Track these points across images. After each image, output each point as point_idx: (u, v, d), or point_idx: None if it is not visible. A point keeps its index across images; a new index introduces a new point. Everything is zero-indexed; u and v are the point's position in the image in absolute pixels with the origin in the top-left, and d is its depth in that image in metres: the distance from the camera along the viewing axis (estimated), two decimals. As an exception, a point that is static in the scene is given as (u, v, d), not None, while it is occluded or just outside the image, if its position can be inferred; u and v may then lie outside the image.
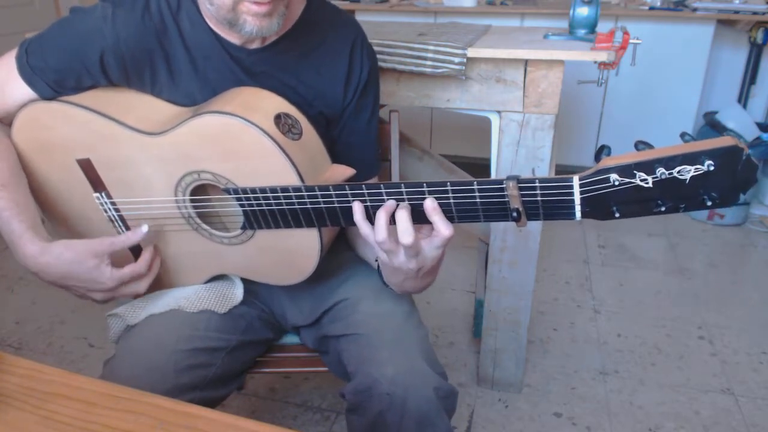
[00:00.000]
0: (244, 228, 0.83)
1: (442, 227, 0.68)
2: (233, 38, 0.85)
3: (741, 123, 2.46)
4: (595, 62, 1.21)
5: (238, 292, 0.94)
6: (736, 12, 2.44)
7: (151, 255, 0.86)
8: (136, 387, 0.59)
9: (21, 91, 0.84)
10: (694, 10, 2.49)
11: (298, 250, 0.84)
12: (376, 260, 0.85)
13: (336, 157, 0.89)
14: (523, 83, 1.26)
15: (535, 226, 1.40)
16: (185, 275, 0.94)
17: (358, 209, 0.71)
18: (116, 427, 0.53)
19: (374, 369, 0.83)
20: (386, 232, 0.69)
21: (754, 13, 2.42)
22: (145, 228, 0.83)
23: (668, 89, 2.67)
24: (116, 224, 0.89)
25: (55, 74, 0.82)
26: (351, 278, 0.98)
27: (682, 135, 0.60)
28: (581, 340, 1.82)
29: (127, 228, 0.89)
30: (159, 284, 0.95)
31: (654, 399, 1.58)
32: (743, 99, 2.76)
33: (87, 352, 1.77)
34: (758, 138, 2.46)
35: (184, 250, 0.90)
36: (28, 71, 0.83)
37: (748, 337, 1.83)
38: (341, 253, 1.03)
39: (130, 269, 0.82)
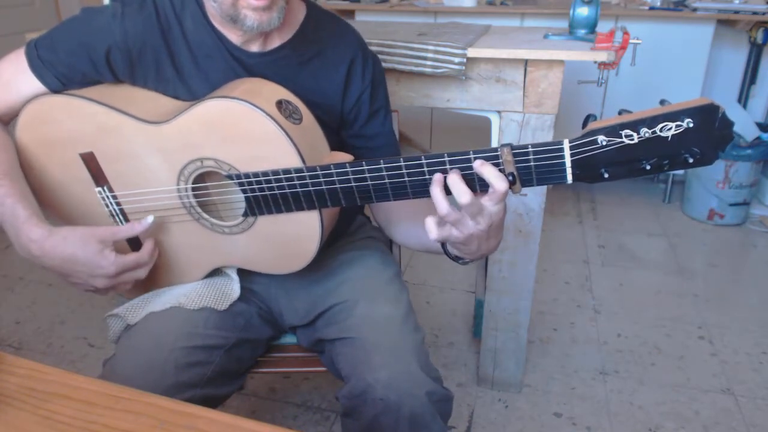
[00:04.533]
0: (245, 215, 0.83)
1: (497, 182, 0.67)
2: (235, 38, 0.86)
3: (741, 123, 2.46)
4: (595, 62, 1.21)
5: (235, 287, 0.94)
6: (736, 12, 2.44)
7: (153, 245, 0.87)
8: (136, 385, 0.59)
9: (28, 85, 0.86)
10: (694, 10, 2.49)
11: (298, 236, 0.84)
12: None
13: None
14: (523, 83, 1.26)
15: (535, 227, 1.40)
16: (186, 269, 0.94)
17: (438, 193, 0.69)
18: (116, 427, 0.53)
19: (368, 373, 0.83)
20: (447, 203, 0.69)
21: (754, 13, 2.42)
22: (150, 219, 0.85)
23: (668, 89, 2.67)
24: (117, 219, 0.90)
25: (64, 67, 0.85)
26: (349, 280, 0.98)
27: (662, 101, 0.64)
28: (581, 340, 1.82)
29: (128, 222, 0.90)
30: (160, 280, 0.96)
31: (654, 399, 1.58)
32: (743, 99, 2.76)
33: (87, 352, 1.77)
34: (758, 138, 2.46)
35: (185, 242, 0.90)
36: (38, 63, 0.85)
37: (748, 337, 1.83)
38: (340, 254, 1.03)
39: (133, 257, 0.83)
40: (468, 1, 2.71)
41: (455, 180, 0.68)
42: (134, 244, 0.90)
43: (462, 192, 0.68)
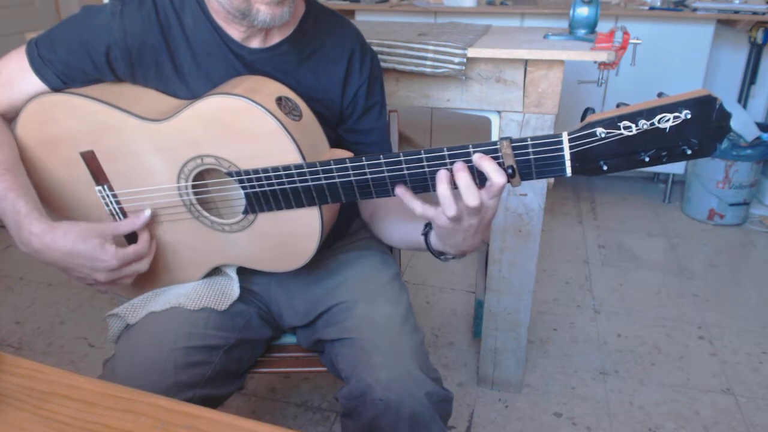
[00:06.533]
0: (245, 213, 0.83)
1: (495, 175, 0.67)
2: (236, 34, 0.86)
3: (741, 123, 2.46)
4: (595, 62, 1.21)
5: (235, 288, 0.95)
6: (736, 12, 2.44)
7: (150, 236, 0.88)
8: (136, 385, 0.59)
9: (30, 83, 0.86)
10: (694, 10, 2.49)
11: (298, 233, 0.84)
12: (424, 233, 0.83)
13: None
14: (523, 83, 1.26)
15: (535, 227, 1.40)
16: (186, 267, 0.94)
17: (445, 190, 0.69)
18: (116, 427, 0.53)
19: (368, 374, 0.83)
20: (455, 204, 0.69)
21: (754, 13, 2.42)
22: (147, 212, 0.85)
23: (668, 89, 2.66)
24: (117, 217, 0.90)
25: (64, 65, 0.85)
26: (348, 281, 0.98)
27: (659, 94, 0.65)
28: (581, 340, 1.82)
29: None
30: (160, 279, 0.96)
31: (654, 399, 1.58)
32: (743, 99, 2.76)
33: (87, 352, 1.77)
34: (758, 138, 2.46)
35: (185, 240, 0.90)
36: (38, 62, 0.85)
37: (748, 337, 1.83)
38: (340, 255, 1.03)
39: (133, 248, 0.83)
40: (468, 1, 2.71)
41: (460, 167, 0.67)
42: (131, 240, 0.90)
43: (468, 186, 0.67)
